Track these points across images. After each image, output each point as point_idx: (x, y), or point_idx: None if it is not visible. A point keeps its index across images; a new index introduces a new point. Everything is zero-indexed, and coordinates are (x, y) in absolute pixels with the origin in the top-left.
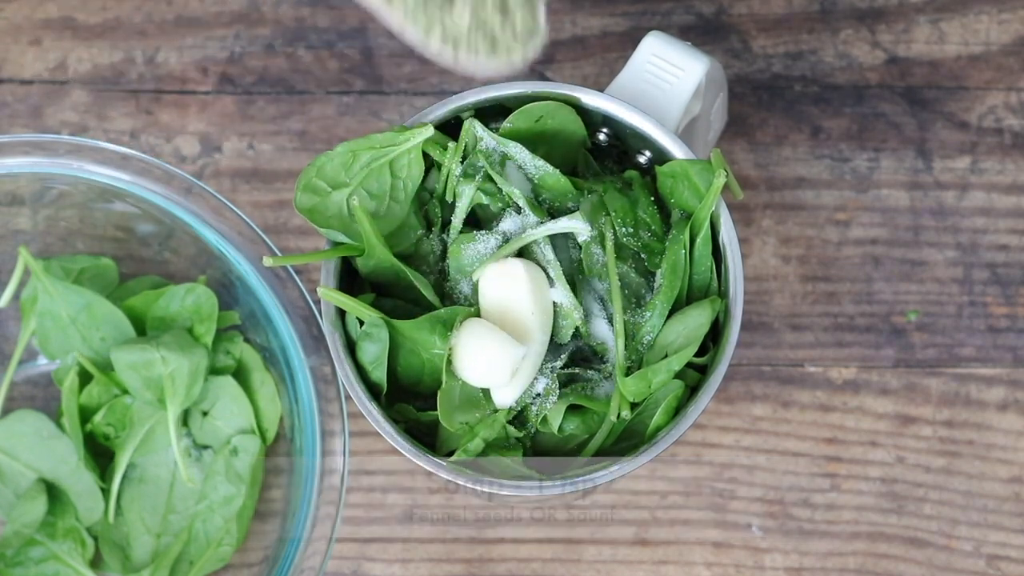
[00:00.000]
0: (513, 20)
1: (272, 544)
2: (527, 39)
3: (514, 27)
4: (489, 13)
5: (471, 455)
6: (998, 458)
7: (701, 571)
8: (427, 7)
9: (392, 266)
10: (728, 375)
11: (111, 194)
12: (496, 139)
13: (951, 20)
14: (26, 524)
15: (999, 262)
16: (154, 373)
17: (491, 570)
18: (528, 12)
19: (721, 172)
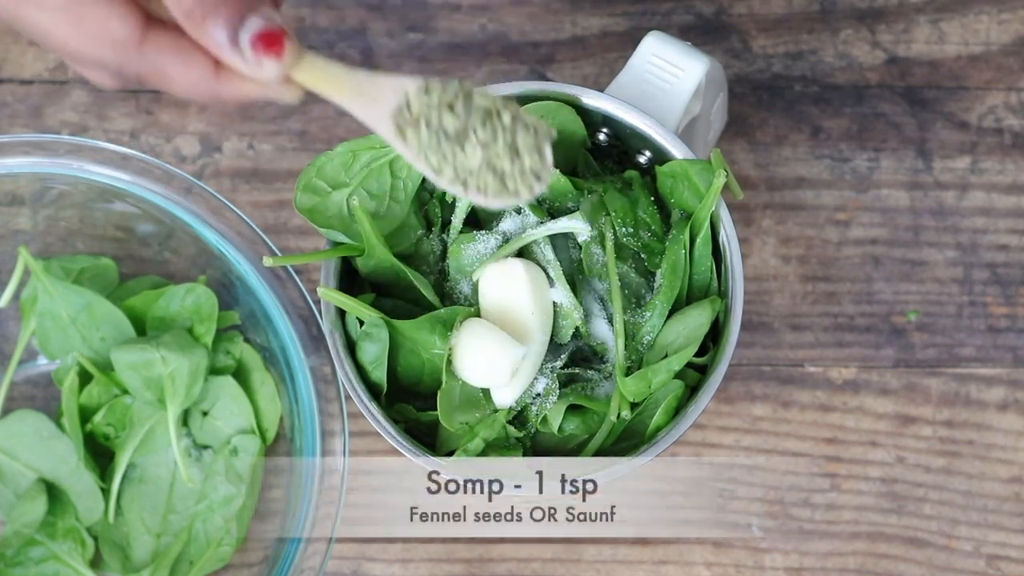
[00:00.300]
0: (522, 162)
1: (272, 544)
2: (534, 180)
3: (523, 168)
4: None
5: (471, 455)
6: (998, 458)
7: (701, 571)
8: (440, 146)
9: (392, 266)
10: (728, 375)
11: (111, 194)
12: None
13: (951, 20)
14: (26, 524)
15: (999, 262)
16: (154, 373)
17: (491, 570)
18: (536, 154)
19: (721, 172)
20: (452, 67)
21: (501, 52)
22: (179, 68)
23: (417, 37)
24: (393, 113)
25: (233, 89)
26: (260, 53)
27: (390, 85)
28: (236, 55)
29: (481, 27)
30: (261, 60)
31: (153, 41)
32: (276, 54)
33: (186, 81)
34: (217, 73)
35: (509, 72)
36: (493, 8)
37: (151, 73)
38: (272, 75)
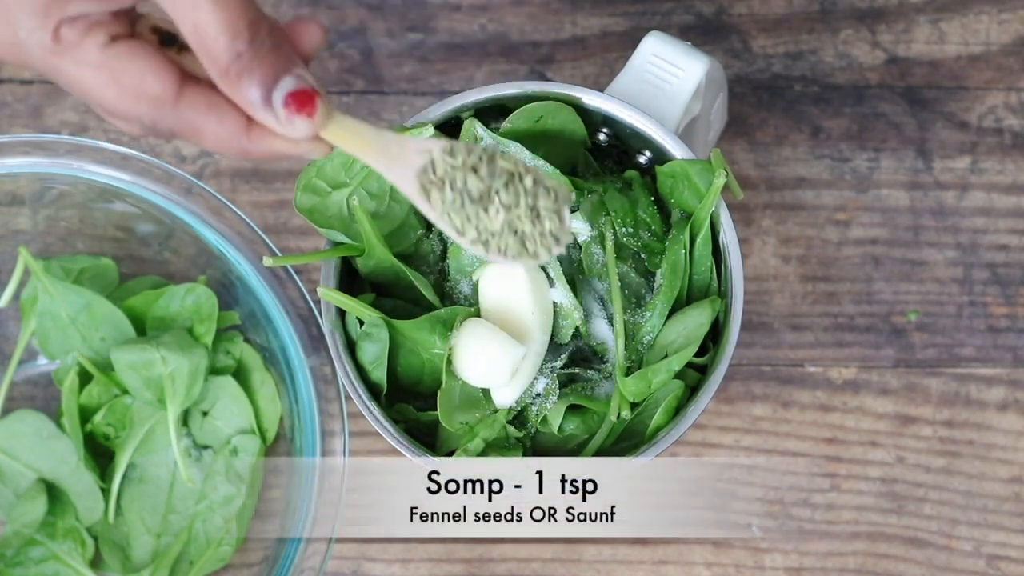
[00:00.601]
0: (542, 224)
1: (272, 544)
2: (553, 242)
3: (543, 231)
4: (521, 218)
5: (471, 455)
6: (998, 458)
7: (701, 571)
8: (463, 207)
9: (392, 266)
10: (728, 375)
11: (111, 194)
12: (496, 139)
13: (951, 20)
14: (26, 524)
15: (999, 262)
16: (154, 373)
17: (491, 570)
18: (556, 217)
19: (721, 172)
20: (452, 67)
21: (501, 52)
22: (212, 124)
23: (417, 37)
24: (418, 173)
25: (263, 146)
26: (293, 112)
27: (415, 146)
28: (269, 114)
29: (481, 27)
30: (293, 119)
31: (188, 98)
32: (308, 114)
33: (218, 137)
34: (248, 129)
35: (509, 72)
36: (493, 8)
37: (185, 129)
38: (304, 133)
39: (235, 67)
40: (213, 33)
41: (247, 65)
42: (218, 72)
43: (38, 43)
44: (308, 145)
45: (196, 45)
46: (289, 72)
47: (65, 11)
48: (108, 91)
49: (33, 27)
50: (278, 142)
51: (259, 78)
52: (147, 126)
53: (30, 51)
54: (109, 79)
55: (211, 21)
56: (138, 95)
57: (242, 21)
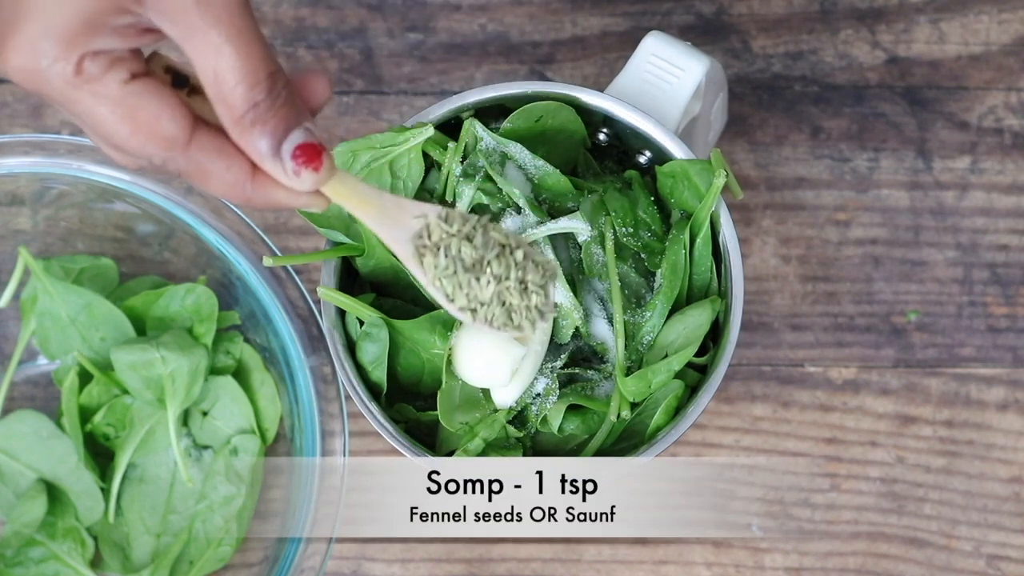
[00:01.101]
0: (529, 298)
1: (272, 544)
2: (538, 316)
3: (529, 305)
4: (510, 290)
5: (471, 455)
6: (998, 458)
7: (701, 571)
8: (455, 274)
9: (392, 266)
10: (728, 375)
11: (111, 194)
12: (496, 139)
13: (951, 20)
14: (26, 524)
15: (999, 262)
16: (154, 373)
17: (491, 570)
18: (543, 293)
19: (721, 172)
20: (452, 67)
21: (501, 52)
22: (220, 170)
23: (417, 37)
24: (412, 237)
25: (266, 195)
26: (300, 165)
27: (412, 209)
28: (277, 165)
29: (481, 27)
30: (301, 172)
31: (198, 141)
32: (315, 168)
33: (224, 182)
34: (253, 178)
35: (509, 72)
36: (493, 8)
37: (193, 171)
38: (308, 186)
39: (249, 116)
40: (233, 81)
41: (262, 116)
42: (232, 119)
43: (59, 73)
44: (308, 198)
45: (213, 91)
46: (299, 125)
47: (90, 45)
48: (122, 128)
49: (56, 57)
50: (281, 193)
51: (271, 129)
52: (155, 165)
53: (49, 80)
54: (125, 116)
55: (232, 68)
56: (152, 134)
57: (262, 72)
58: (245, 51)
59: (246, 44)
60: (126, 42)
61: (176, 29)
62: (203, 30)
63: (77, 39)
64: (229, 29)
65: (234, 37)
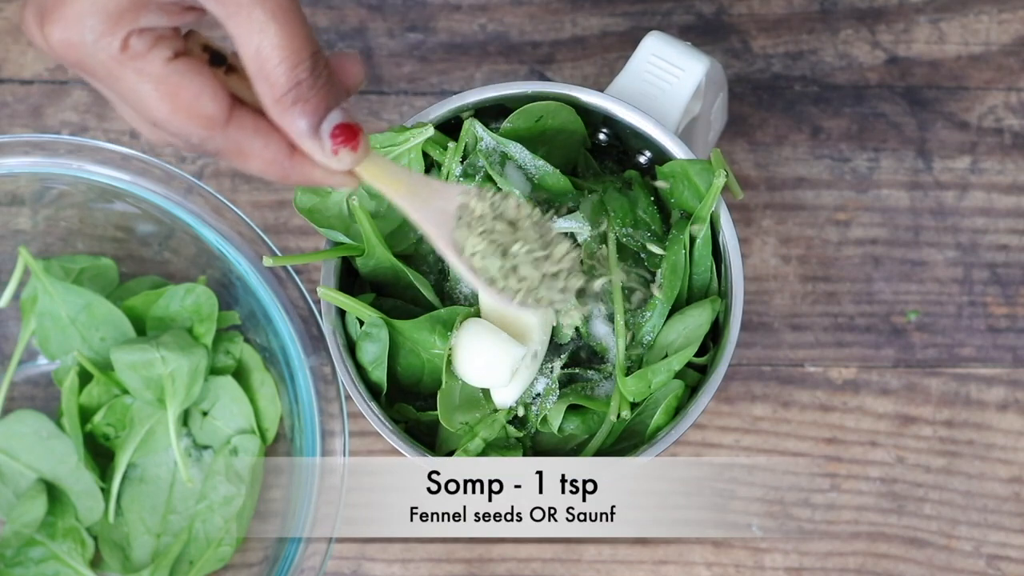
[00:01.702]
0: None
1: (272, 544)
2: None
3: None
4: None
5: (471, 455)
6: (998, 458)
7: (701, 571)
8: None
9: (392, 266)
10: (728, 375)
11: (111, 194)
12: (496, 139)
13: (951, 20)
14: (26, 524)
15: (999, 262)
16: (154, 373)
17: (491, 570)
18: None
19: (721, 172)
20: (452, 67)
21: (501, 52)
22: (259, 147)
23: (417, 37)
24: (447, 218)
25: (303, 173)
26: (339, 144)
27: (442, 190)
28: (316, 144)
29: (481, 27)
30: (339, 151)
31: (237, 120)
32: (353, 147)
33: (263, 160)
34: (291, 156)
35: (509, 72)
36: (493, 8)
37: (230, 150)
38: (346, 166)
39: (291, 95)
40: (276, 59)
41: (303, 94)
42: (273, 98)
43: (105, 49)
44: (342, 177)
45: (255, 68)
46: (337, 106)
47: (137, 22)
48: (164, 105)
49: (103, 32)
50: (317, 172)
51: (312, 108)
52: (194, 144)
53: (94, 55)
54: (167, 94)
55: (276, 47)
56: (192, 113)
57: (306, 51)
58: (289, 29)
59: (290, 22)
60: (170, 20)
61: (220, 7)
62: (247, 8)
63: (125, 16)
64: (273, 7)
65: (278, 15)
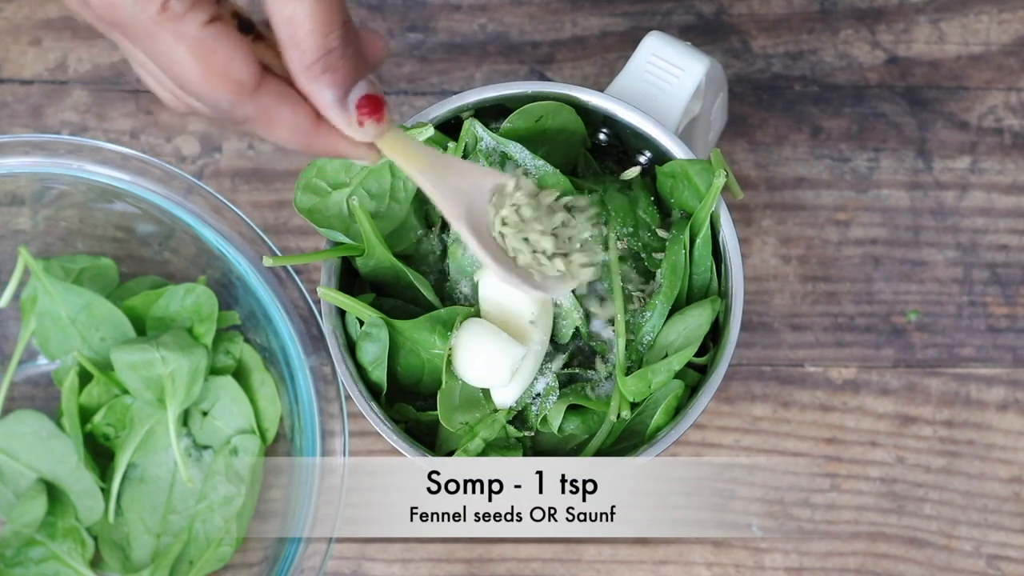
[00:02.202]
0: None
1: (272, 544)
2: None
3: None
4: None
5: (471, 455)
6: (998, 458)
7: (701, 571)
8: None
9: (392, 266)
10: (728, 375)
11: (111, 194)
12: (496, 139)
13: (951, 20)
14: (26, 524)
15: (999, 262)
16: (154, 373)
17: (491, 570)
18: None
19: (721, 172)
20: (452, 67)
21: (501, 52)
22: (286, 115)
23: (417, 37)
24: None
25: (326, 143)
26: (365, 115)
27: (462, 168)
28: (342, 114)
29: (481, 27)
30: (364, 122)
31: (266, 87)
32: (378, 119)
33: (289, 127)
34: (316, 125)
35: (509, 72)
36: (493, 8)
37: (258, 117)
38: (369, 137)
39: (321, 64)
40: (308, 27)
41: (333, 63)
42: (302, 66)
43: (144, 9)
44: (365, 149)
45: (287, 35)
46: (364, 77)
47: None
48: (198, 68)
49: None
50: (340, 143)
51: (341, 78)
52: (223, 109)
53: (133, 15)
54: (201, 57)
55: (308, 14)
56: (224, 78)
57: (337, 20)
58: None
59: None
60: None
61: None
62: None
63: None
64: None
65: None
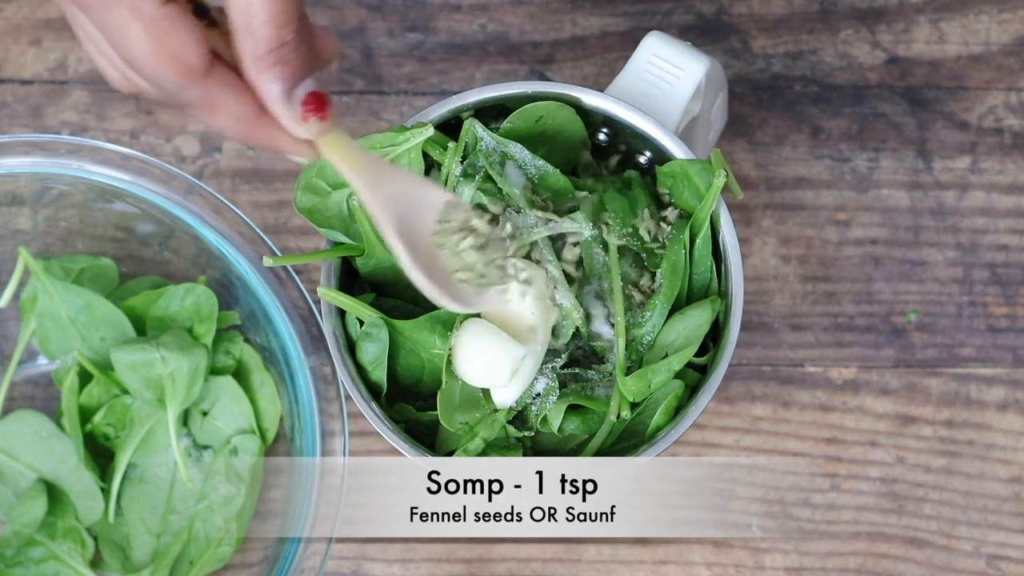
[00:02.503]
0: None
1: (272, 544)
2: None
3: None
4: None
5: (471, 455)
6: (998, 458)
7: (701, 571)
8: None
9: (392, 266)
10: (728, 375)
11: (111, 194)
12: (496, 139)
13: (951, 20)
14: (26, 524)
15: (999, 262)
16: (154, 373)
17: (491, 570)
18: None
19: (721, 172)
20: (452, 67)
21: (501, 52)
22: (230, 104)
23: (417, 37)
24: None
25: (267, 136)
26: (309, 112)
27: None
28: (287, 108)
29: (481, 27)
30: (308, 118)
31: (215, 74)
32: (321, 117)
33: (231, 117)
34: (259, 117)
35: (509, 72)
36: (493, 8)
37: (203, 102)
38: (311, 135)
39: (273, 56)
40: (264, 17)
41: (285, 56)
42: (254, 56)
43: None
44: (305, 147)
45: (242, 24)
46: (312, 74)
47: None
48: (149, 48)
49: None
50: (281, 138)
51: (290, 72)
52: (168, 91)
53: None
54: (155, 37)
55: (265, 5)
56: (174, 60)
57: (294, 13)
58: None
59: None
60: None
61: None
62: None
63: None
64: None
65: None
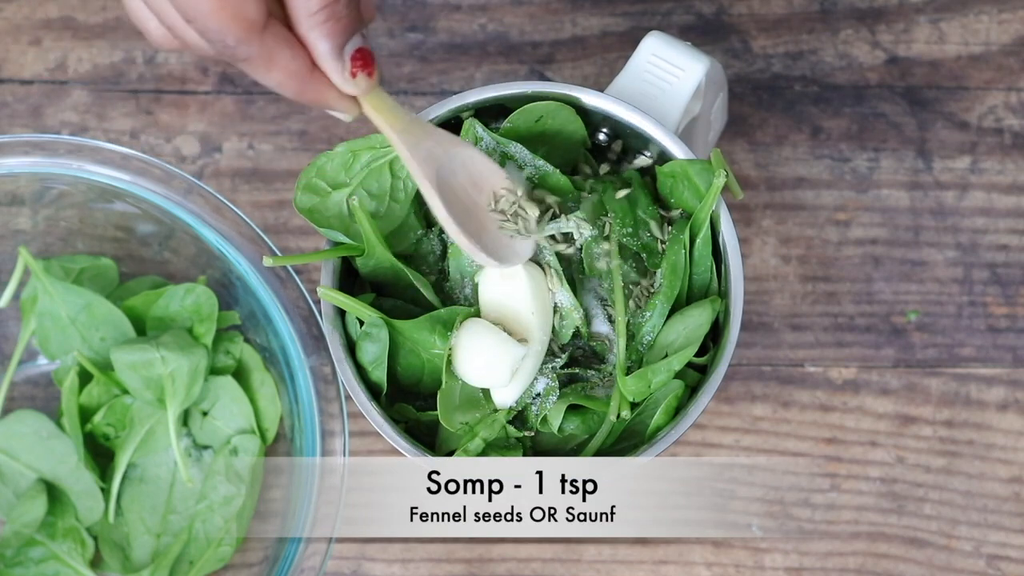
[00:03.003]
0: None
1: (272, 544)
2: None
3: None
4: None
5: (471, 455)
6: (998, 458)
7: (701, 571)
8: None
9: (392, 266)
10: (728, 375)
11: (111, 194)
12: (496, 139)
13: (951, 20)
14: (26, 524)
15: (999, 262)
16: (154, 373)
17: (491, 570)
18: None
19: (721, 172)
20: (452, 67)
21: (501, 52)
22: (286, 59)
23: (417, 37)
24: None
25: (316, 91)
26: (357, 67)
27: (439, 136)
28: (337, 64)
29: (481, 27)
30: (357, 75)
31: (271, 30)
32: (368, 73)
33: (286, 72)
34: (311, 72)
35: (509, 72)
36: (493, 8)
37: (260, 57)
38: (360, 91)
39: (325, 12)
40: None
41: (337, 12)
42: (306, 12)
43: None
44: (349, 103)
45: None
46: (359, 31)
47: None
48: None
49: None
50: (329, 93)
51: (341, 28)
52: (228, 46)
53: None
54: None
55: None
56: (236, 14)
57: None
58: None
59: None
60: None
61: None
62: None
63: None
64: None
65: None
